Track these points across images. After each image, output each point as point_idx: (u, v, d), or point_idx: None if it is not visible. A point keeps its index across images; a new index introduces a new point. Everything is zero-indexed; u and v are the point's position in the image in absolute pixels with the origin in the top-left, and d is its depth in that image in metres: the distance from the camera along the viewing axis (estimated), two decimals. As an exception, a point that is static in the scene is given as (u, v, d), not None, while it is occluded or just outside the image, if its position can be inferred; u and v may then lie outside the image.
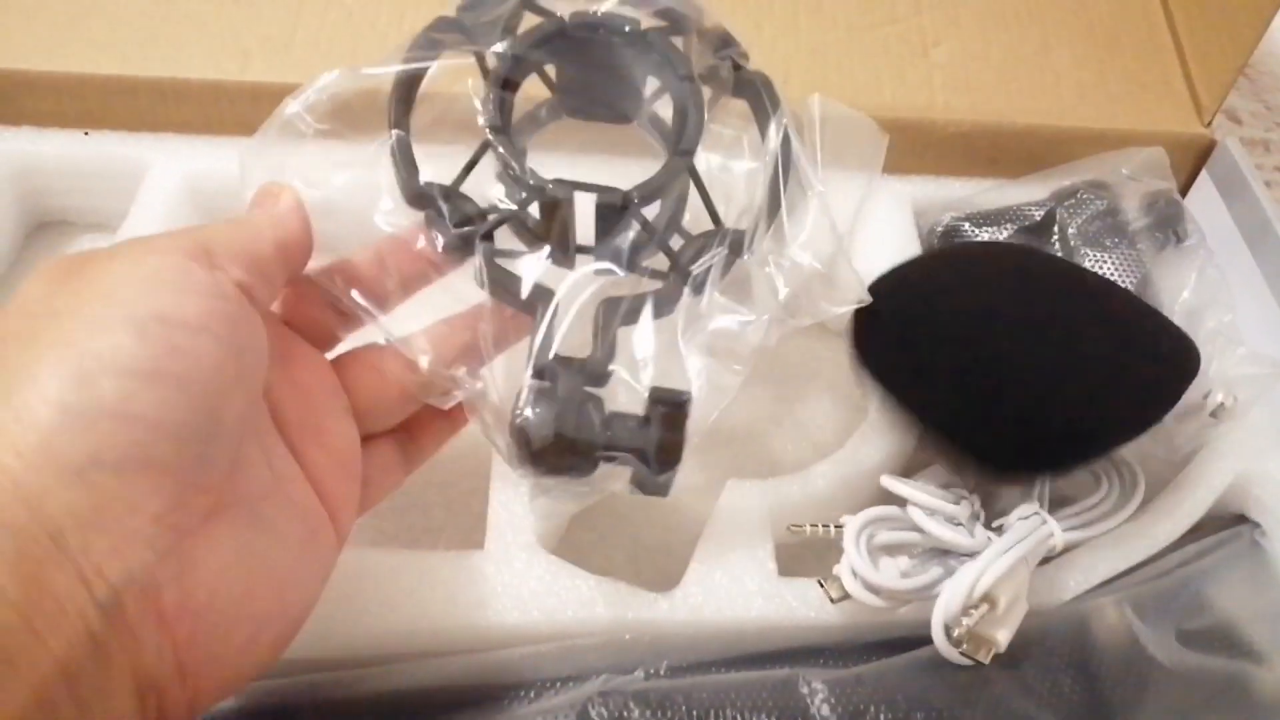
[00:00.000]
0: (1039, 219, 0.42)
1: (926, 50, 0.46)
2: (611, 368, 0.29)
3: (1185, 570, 0.34)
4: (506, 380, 0.30)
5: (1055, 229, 0.41)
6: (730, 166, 0.33)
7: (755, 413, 0.42)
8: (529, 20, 0.33)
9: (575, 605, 0.31)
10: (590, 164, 0.34)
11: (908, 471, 0.35)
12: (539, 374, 0.28)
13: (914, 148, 0.45)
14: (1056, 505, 0.34)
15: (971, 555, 0.31)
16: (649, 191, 0.30)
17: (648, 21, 0.33)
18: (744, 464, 0.40)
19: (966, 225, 0.42)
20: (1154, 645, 0.31)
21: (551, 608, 0.31)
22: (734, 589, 0.32)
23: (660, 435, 0.28)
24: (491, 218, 0.30)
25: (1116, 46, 0.47)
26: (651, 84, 0.34)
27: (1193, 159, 0.46)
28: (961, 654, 0.30)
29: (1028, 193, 0.43)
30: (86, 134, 0.44)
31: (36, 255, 0.45)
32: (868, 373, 0.37)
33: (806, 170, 0.33)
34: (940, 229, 0.43)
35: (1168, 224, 0.41)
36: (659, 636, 0.32)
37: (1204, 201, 0.45)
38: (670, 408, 0.29)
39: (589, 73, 0.34)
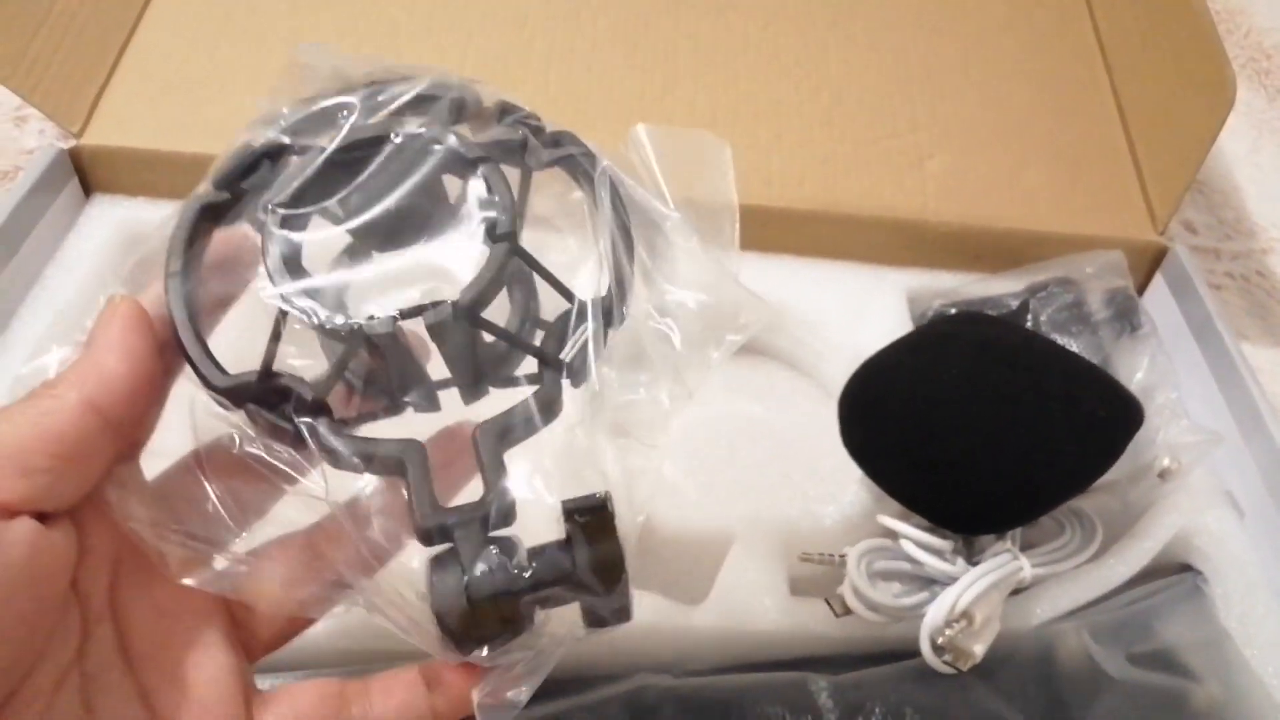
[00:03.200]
0: (1015, 307, 0.48)
1: (922, 162, 0.52)
2: (512, 497, 0.25)
3: (1136, 606, 0.40)
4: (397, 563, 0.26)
5: (1029, 316, 0.47)
6: (567, 238, 0.29)
7: (768, 466, 0.47)
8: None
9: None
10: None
11: (902, 511, 0.40)
12: (428, 539, 0.24)
13: (909, 244, 0.51)
14: (1027, 546, 0.39)
15: (953, 582, 0.37)
16: (479, 292, 0.25)
17: (414, 124, 0.28)
18: (758, 507, 0.46)
19: (953, 311, 0.49)
20: (1107, 663, 0.37)
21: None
22: (753, 605, 0.38)
23: (590, 552, 0.24)
24: (310, 390, 0.25)
25: (1084, 165, 0.53)
26: (451, 184, 0.28)
27: (1148, 262, 0.51)
28: (944, 663, 0.36)
29: (1006, 285, 0.49)
30: (196, 206, 0.51)
31: (141, 308, 0.51)
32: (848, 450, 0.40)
33: (650, 205, 0.29)
34: (930, 314, 0.49)
35: (1125, 316, 0.47)
36: (689, 642, 0.37)
37: (1157, 298, 0.51)
38: (590, 516, 0.25)
39: (377, 196, 0.27)
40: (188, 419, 0.26)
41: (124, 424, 0.24)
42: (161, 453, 0.26)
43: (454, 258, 0.26)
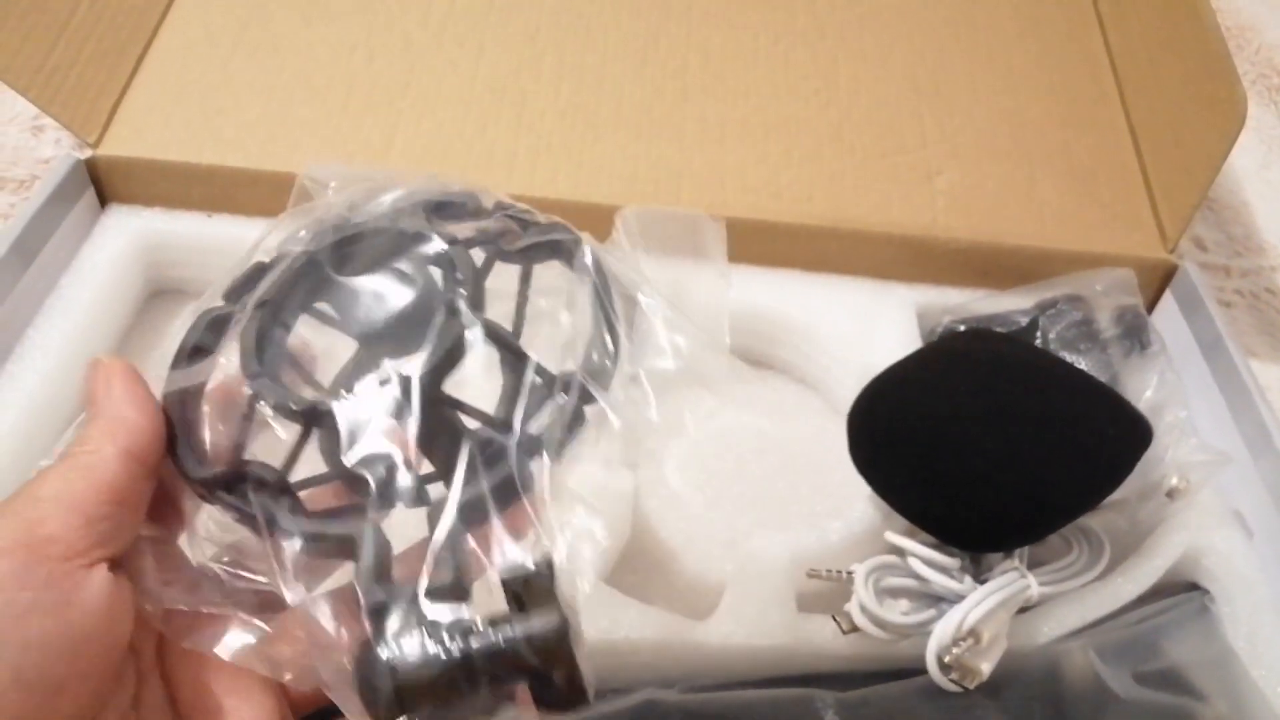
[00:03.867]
0: (1024, 324, 0.48)
1: (930, 178, 0.53)
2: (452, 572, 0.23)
3: (1143, 625, 0.40)
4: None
5: (1038, 333, 0.47)
6: (559, 320, 0.29)
7: (776, 480, 0.47)
8: None
9: (627, 627, 0.37)
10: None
11: (909, 528, 0.40)
12: (372, 617, 0.23)
13: (918, 260, 0.51)
14: (1034, 564, 0.39)
15: (961, 600, 0.37)
16: (435, 366, 0.25)
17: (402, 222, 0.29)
18: (765, 522, 0.46)
19: (962, 328, 0.49)
20: (1113, 682, 0.37)
21: (606, 628, 0.37)
22: (760, 621, 0.38)
23: (527, 626, 0.23)
24: (273, 473, 0.25)
25: (1094, 182, 0.53)
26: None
27: (1158, 280, 0.51)
28: (951, 680, 0.36)
29: (1015, 302, 0.49)
30: (210, 216, 0.51)
31: (153, 319, 0.51)
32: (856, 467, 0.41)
33: (628, 279, 0.29)
34: (939, 330, 0.49)
35: (1134, 334, 0.47)
36: (696, 657, 0.37)
37: (1167, 316, 0.51)
38: (527, 586, 0.23)
39: (365, 303, 0.28)
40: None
41: (156, 469, 0.25)
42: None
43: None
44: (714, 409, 0.50)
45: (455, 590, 0.23)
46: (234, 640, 0.25)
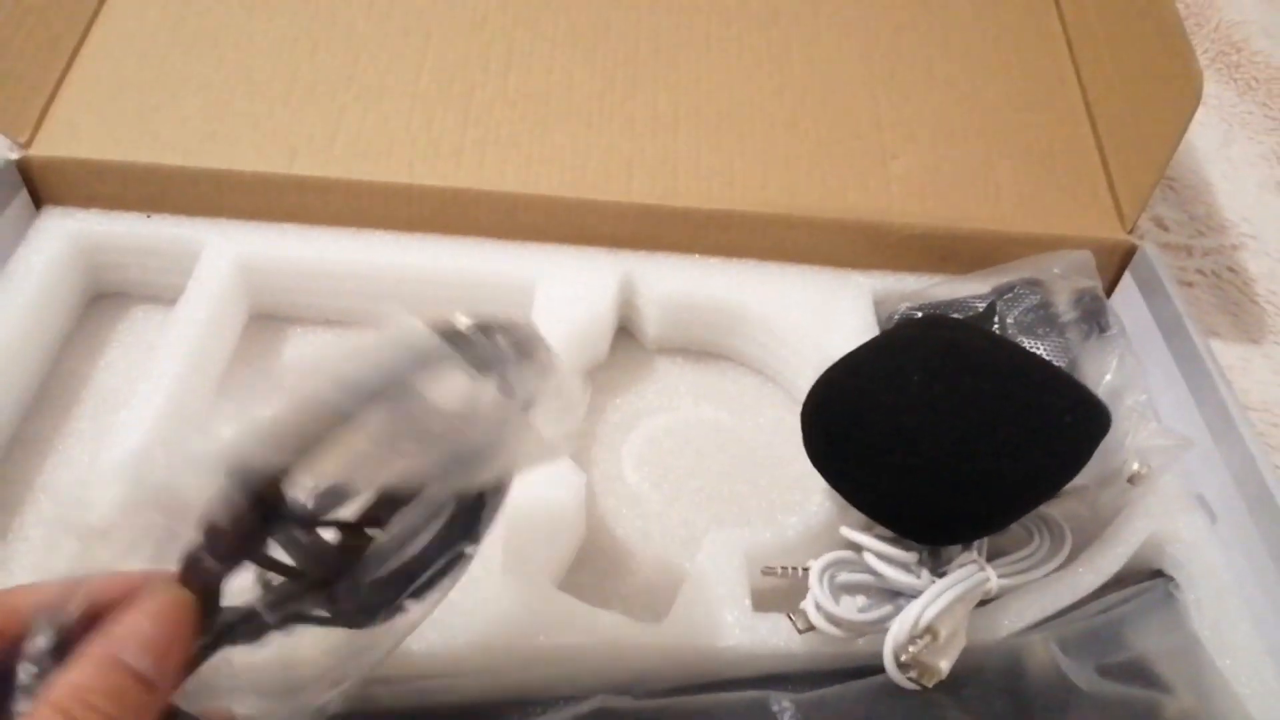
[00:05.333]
0: (982, 310, 0.47)
1: (886, 162, 0.52)
2: None
3: (1107, 615, 0.39)
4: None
5: (995, 318, 0.47)
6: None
7: (734, 474, 0.47)
8: None
9: (580, 632, 0.36)
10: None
11: (866, 522, 0.40)
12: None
13: (874, 246, 0.50)
14: (994, 555, 0.39)
15: (918, 595, 0.36)
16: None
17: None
18: (723, 517, 0.45)
19: (919, 314, 0.48)
20: (1076, 676, 0.36)
21: (557, 633, 0.36)
22: (714, 621, 0.37)
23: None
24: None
25: (1051, 163, 0.53)
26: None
27: (1117, 261, 0.51)
28: (909, 679, 0.35)
29: (972, 287, 0.48)
30: (149, 216, 0.49)
31: (96, 323, 0.50)
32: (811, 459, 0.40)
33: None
34: (897, 317, 0.49)
35: (1092, 317, 0.47)
36: (649, 661, 0.36)
37: (1127, 299, 0.50)
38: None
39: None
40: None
41: None
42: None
43: None
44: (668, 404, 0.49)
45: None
46: None
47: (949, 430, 0.36)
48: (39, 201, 0.50)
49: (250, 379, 0.25)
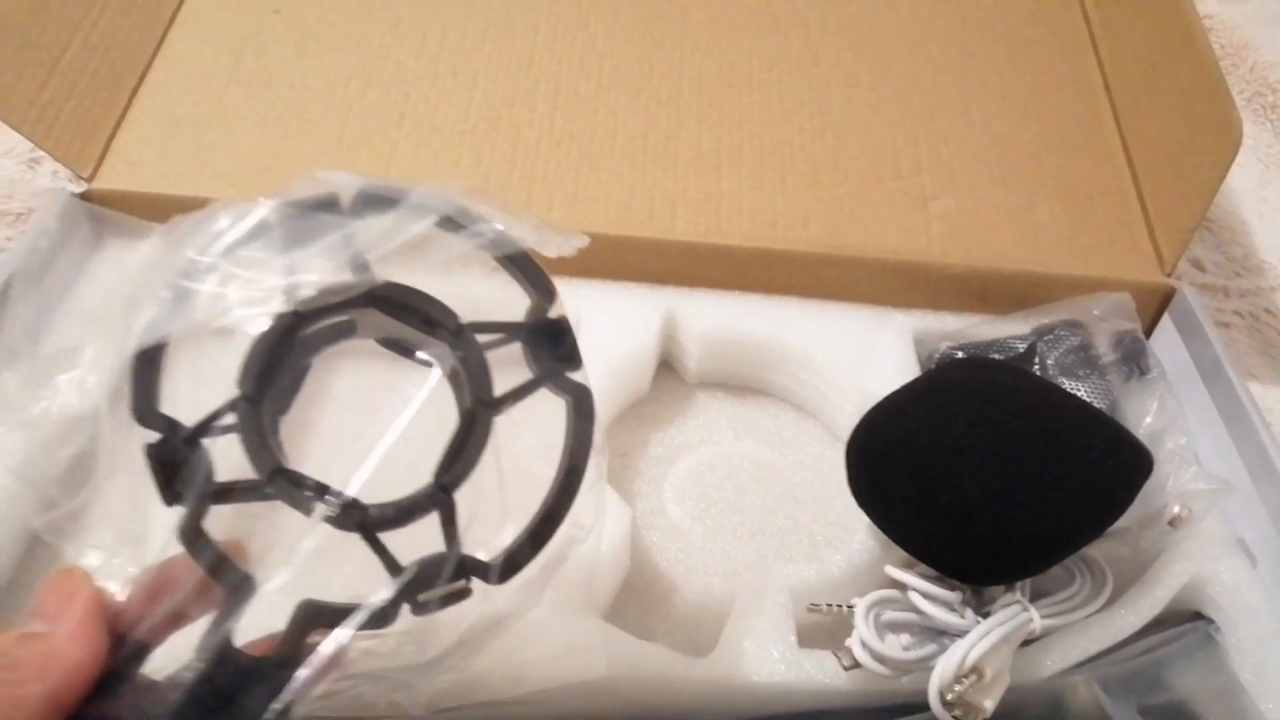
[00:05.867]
0: (1022, 350, 0.48)
1: (926, 203, 0.52)
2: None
3: (1148, 656, 0.39)
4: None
5: (1036, 359, 0.47)
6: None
7: (775, 509, 0.47)
8: None
9: (628, 663, 0.37)
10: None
11: (908, 560, 0.40)
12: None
13: (914, 285, 0.51)
14: (1036, 596, 0.39)
15: (962, 634, 0.37)
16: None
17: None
18: (764, 552, 0.45)
19: (960, 354, 0.49)
20: (1119, 716, 0.36)
21: (605, 666, 0.37)
22: (760, 656, 0.38)
23: None
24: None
25: (1090, 206, 0.53)
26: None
27: (1156, 303, 0.51)
28: (954, 717, 0.36)
29: (1013, 327, 0.49)
30: (205, 249, 0.51)
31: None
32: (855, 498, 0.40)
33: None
34: (937, 356, 0.49)
35: (1132, 359, 0.47)
36: (697, 694, 0.37)
37: (1166, 340, 0.51)
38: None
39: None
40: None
41: (77, 707, 0.24)
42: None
43: None
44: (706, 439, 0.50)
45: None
46: None
47: (994, 473, 0.36)
48: (100, 233, 0.51)
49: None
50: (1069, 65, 0.60)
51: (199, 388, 0.27)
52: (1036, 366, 0.47)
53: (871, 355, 0.49)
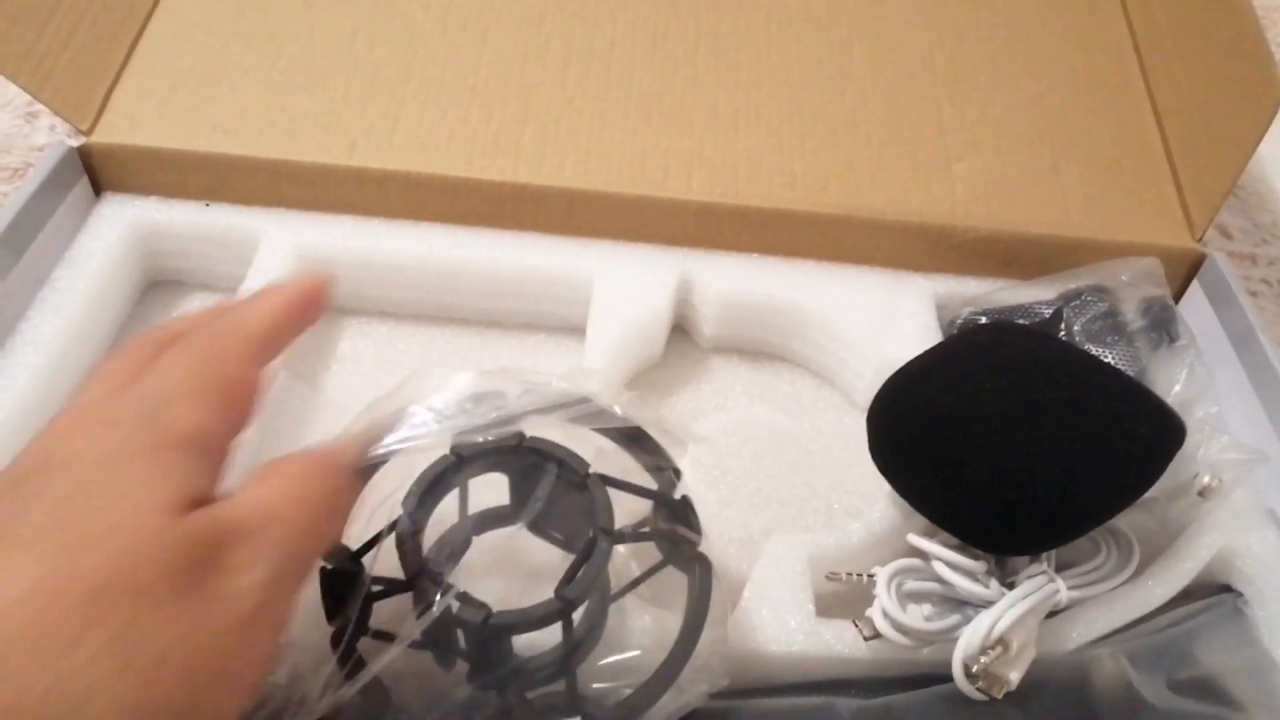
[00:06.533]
0: (1048, 316, 0.46)
1: (949, 165, 0.51)
2: None
3: (1176, 629, 0.38)
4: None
5: (1062, 326, 0.46)
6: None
7: (792, 477, 0.46)
8: None
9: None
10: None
11: (929, 528, 0.39)
12: None
13: (937, 249, 0.49)
14: (1062, 566, 0.38)
15: (987, 605, 0.36)
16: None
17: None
18: (781, 520, 0.44)
19: (983, 320, 0.47)
20: (1146, 690, 0.35)
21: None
22: (778, 626, 0.37)
23: None
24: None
25: (1118, 169, 0.52)
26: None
27: (1185, 270, 0.50)
28: (978, 690, 0.34)
29: (1038, 293, 0.47)
30: (207, 205, 0.50)
31: (152, 310, 0.50)
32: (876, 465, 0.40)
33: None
34: (959, 321, 0.48)
35: (1161, 326, 0.46)
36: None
37: (1195, 307, 0.49)
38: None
39: (547, 493, 0.34)
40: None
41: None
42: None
43: None
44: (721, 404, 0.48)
45: None
46: None
47: (1022, 440, 0.35)
48: (99, 188, 0.50)
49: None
50: (1097, 23, 0.58)
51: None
52: (1063, 333, 0.45)
53: (892, 320, 0.47)
